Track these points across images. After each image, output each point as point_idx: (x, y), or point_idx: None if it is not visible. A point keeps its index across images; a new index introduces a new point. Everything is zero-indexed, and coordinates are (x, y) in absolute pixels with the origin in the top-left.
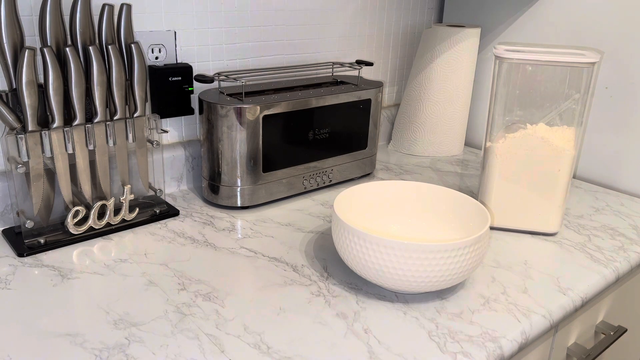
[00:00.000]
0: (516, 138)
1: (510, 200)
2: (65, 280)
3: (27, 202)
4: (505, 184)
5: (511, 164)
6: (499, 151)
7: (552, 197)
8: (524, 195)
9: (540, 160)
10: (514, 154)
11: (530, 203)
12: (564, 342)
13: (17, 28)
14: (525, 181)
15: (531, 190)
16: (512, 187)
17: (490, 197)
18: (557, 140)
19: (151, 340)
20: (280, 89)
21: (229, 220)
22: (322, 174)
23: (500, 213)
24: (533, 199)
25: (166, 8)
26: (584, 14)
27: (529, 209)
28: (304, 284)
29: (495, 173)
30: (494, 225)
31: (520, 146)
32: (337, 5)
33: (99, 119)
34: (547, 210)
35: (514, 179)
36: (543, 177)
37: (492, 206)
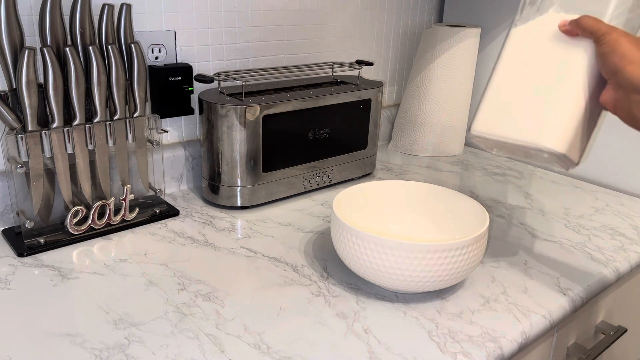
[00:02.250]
0: (543, 21)
1: (512, 98)
2: (65, 280)
3: (27, 202)
4: (507, 83)
5: (522, 57)
6: (512, 38)
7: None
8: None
9: (560, 53)
10: (532, 42)
11: (537, 104)
12: (564, 342)
13: (17, 28)
14: (531, 81)
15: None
16: (513, 88)
17: (483, 99)
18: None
19: (151, 340)
20: (280, 89)
21: (229, 220)
22: (322, 174)
23: (497, 116)
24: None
25: (166, 8)
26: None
27: (533, 112)
28: (304, 284)
29: (499, 68)
30: (484, 132)
31: (542, 33)
32: (337, 5)
33: (99, 119)
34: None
35: (519, 78)
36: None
37: (487, 108)
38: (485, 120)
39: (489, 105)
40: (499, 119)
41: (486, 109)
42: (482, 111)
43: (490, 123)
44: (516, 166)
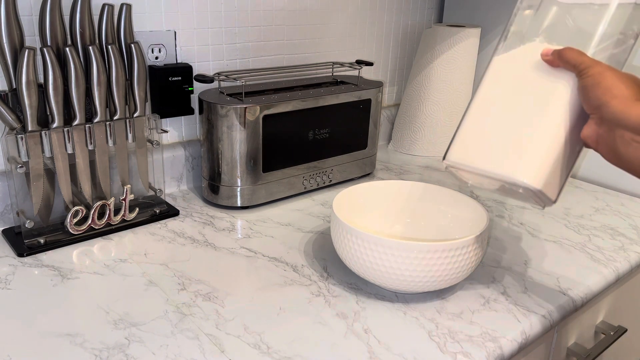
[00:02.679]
0: (525, 51)
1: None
2: (65, 280)
3: (27, 202)
4: (484, 111)
5: (501, 84)
6: (492, 68)
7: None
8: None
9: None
10: (512, 71)
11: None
12: (564, 342)
13: (17, 28)
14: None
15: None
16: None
17: (460, 128)
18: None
19: (151, 340)
20: (280, 89)
21: (229, 220)
22: (322, 174)
23: (473, 146)
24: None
25: (166, 8)
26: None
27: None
28: (304, 284)
29: (477, 96)
30: (457, 162)
31: (523, 62)
32: (337, 5)
33: (99, 119)
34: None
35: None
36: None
37: (463, 137)
38: (460, 150)
39: (465, 134)
40: (475, 149)
41: (462, 138)
42: (458, 140)
43: (464, 153)
44: None
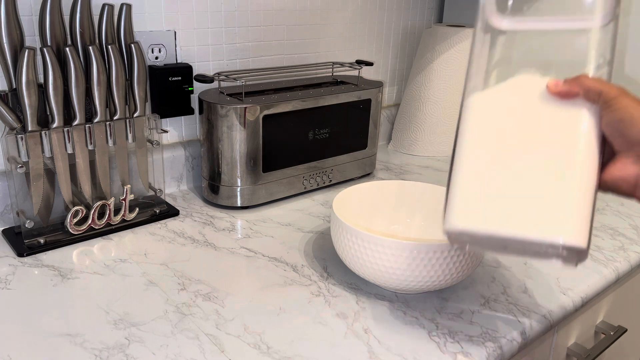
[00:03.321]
0: (517, 84)
1: (493, 191)
2: (65, 280)
3: (27, 202)
4: (486, 162)
5: (497, 128)
6: (478, 107)
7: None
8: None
9: (551, 121)
10: (507, 110)
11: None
12: (564, 342)
13: (17, 28)
14: (519, 159)
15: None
16: (497, 168)
17: (458, 186)
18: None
19: (151, 340)
20: (280, 89)
21: (229, 220)
22: (322, 174)
23: (476, 212)
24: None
25: (166, 8)
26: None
27: (528, 202)
28: (304, 284)
29: (469, 143)
30: (469, 229)
31: (520, 98)
32: (337, 5)
33: (99, 119)
34: (560, 209)
35: (500, 155)
36: (551, 150)
37: (465, 197)
38: (467, 213)
39: (467, 193)
40: (488, 210)
41: (464, 199)
42: (459, 202)
43: (475, 216)
44: None
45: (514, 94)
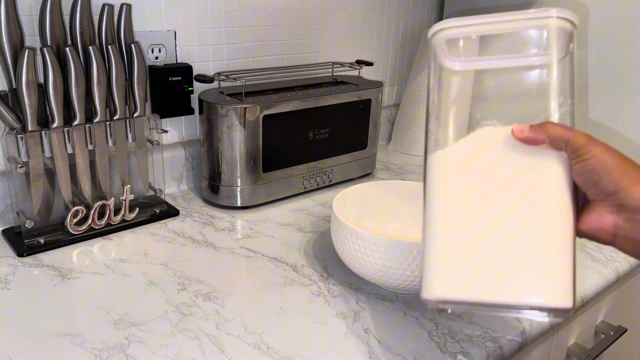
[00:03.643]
0: (480, 138)
1: (470, 256)
2: (65, 280)
3: (27, 202)
4: (459, 224)
5: (466, 187)
6: (443, 165)
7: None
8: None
9: (519, 174)
10: (474, 167)
11: (508, 257)
12: (564, 342)
13: (17, 28)
14: (492, 218)
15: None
16: (469, 231)
17: (432, 251)
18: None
19: (151, 340)
20: (280, 89)
21: (229, 220)
22: (322, 174)
23: (455, 279)
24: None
25: (166, 8)
26: (583, 13)
27: (507, 268)
28: (304, 284)
29: (439, 206)
30: (452, 297)
31: (485, 152)
32: (337, 5)
33: (99, 119)
34: (542, 271)
35: (473, 216)
36: (526, 209)
37: (443, 264)
38: (445, 281)
39: (443, 259)
40: (466, 276)
41: (441, 266)
42: (436, 269)
43: (453, 284)
44: None
45: (479, 148)
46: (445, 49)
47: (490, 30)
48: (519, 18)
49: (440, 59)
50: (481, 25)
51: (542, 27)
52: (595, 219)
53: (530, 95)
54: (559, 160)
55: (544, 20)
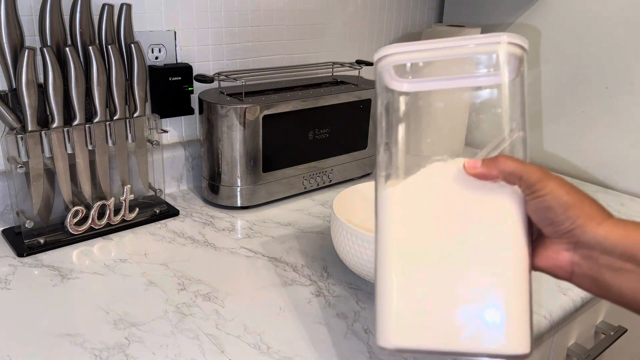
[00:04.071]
0: (431, 174)
1: (422, 301)
2: (65, 280)
3: (27, 202)
4: (411, 267)
5: (418, 227)
6: (394, 203)
7: (503, 283)
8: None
9: (473, 212)
10: (425, 206)
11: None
12: (564, 342)
13: (17, 28)
14: (446, 260)
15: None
16: (423, 275)
17: (384, 296)
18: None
19: (151, 340)
20: (280, 89)
21: (229, 220)
22: (322, 174)
23: (411, 326)
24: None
25: (166, 8)
26: (583, 13)
27: (464, 315)
28: (304, 284)
29: (390, 248)
30: (407, 346)
31: (437, 190)
32: (337, 5)
33: (99, 119)
34: (497, 316)
35: (425, 258)
36: (481, 247)
37: (397, 310)
38: (399, 329)
39: (396, 305)
40: (420, 324)
41: (394, 313)
42: (389, 316)
43: (408, 332)
44: None
45: (430, 185)
46: (392, 72)
47: (438, 56)
48: (468, 44)
49: (387, 82)
50: (429, 51)
51: (491, 52)
52: (552, 256)
53: (481, 121)
54: (513, 196)
55: (494, 45)
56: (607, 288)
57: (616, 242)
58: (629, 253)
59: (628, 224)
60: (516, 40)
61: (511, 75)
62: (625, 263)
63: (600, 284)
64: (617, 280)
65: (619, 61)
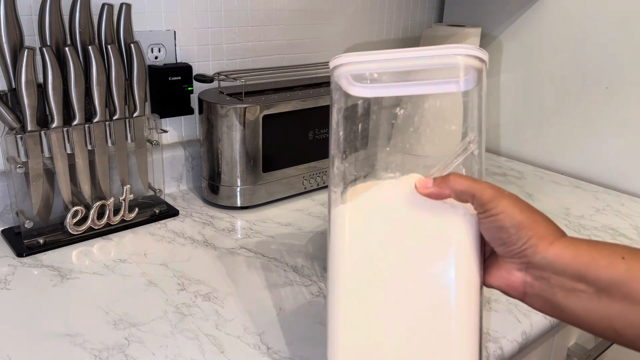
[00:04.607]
0: (382, 192)
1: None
2: (65, 281)
3: (26, 202)
4: (360, 289)
5: (367, 249)
6: (345, 223)
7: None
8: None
9: (424, 232)
10: (376, 225)
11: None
12: (564, 342)
13: (16, 28)
14: (394, 284)
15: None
16: (372, 297)
17: (335, 318)
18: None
19: (151, 340)
20: (280, 88)
21: (229, 220)
22: (322, 174)
23: (359, 355)
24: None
25: (166, 8)
26: (584, 13)
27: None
28: (304, 284)
29: (340, 268)
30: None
31: (388, 208)
32: (337, 5)
33: (99, 119)
34: (442, 346)
35: (374, 281)
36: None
37: (340, 340)
38: (351, 353)
39: (345, 329)
40: (370, 349)
41: (345, 336)
42: (340, 339)
43: (359, 356)
44: (517, 166)
45: (381, 204)
46: (350, 78)
47: (396, 67)
48: (427, 55)
49: (345, 87)
50: (387, 61)
51: (450, 64)
52: (504, 276)
53: (437, 132)
54: (465, 216)
55: (453, 57)
56: (560, 309)
57: (567, 263)
58: (580, 273)
59: (580, 243)
60: (475, 52)
61: (469, 85)
62: (577, 283)
63: (553, 305)
64: (569, 301)
65: (619, 61)
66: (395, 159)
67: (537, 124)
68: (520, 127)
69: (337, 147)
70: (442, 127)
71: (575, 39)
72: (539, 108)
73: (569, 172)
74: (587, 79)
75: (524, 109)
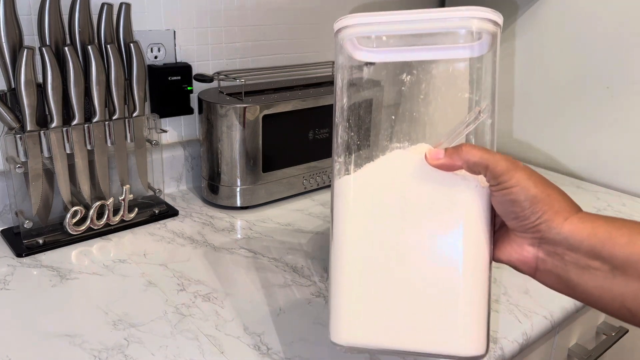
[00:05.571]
0: (390, 163)
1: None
2: (64, 281)
3: (25, 202)
4: (366, 262)
5: (374, 221)
6: (349, 194)
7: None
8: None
9: (433, 205)
10: (382, 197)
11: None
12: (565, 343)
13: (15, 27)
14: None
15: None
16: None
17: (339, 292)
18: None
19: (150, 340)
20: (280, 88)
21: (229, 220)
22: (322, 174)
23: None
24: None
25: (165, 7)
26: (584, 13)
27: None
28: (304, 285)
29: (345, 241)
30: (362, 343)
31: (396, 180)
32: (337, 4)
33: (98, 119)
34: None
35: (381, 253)
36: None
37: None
38: (353, 327)
39: (350, 302)
40: (375, 322)
41: (348, 309)
42: (343, 313)
43: (362, 330)
44: None
45: (388, 175)
46: (356, 42)
47: (406, 29)
48: (438, 17)
49: (350, 52)
50: (396, 23)
51: (462, 27)
52: (515, 250)
53: (447, 100)
54: (477, 188)
55: (466, 20)
56: (572, 286)
57: (583, 239)
58: (595, 250)
59: (597, 219)
60: (490, 15)
61: (482, 51)
62: (591, 260)
63: (566, 282)
64: (583, 279)
65: (620, 61)
66: (402, 127)
67: (537, 123)
68: (521, 126)
69: (341, 115)
70: (453, 95)
71: (575, 39)
72: (539, 108)
73: (569, 172)
74: (587, 78)
75: (524, 108)
